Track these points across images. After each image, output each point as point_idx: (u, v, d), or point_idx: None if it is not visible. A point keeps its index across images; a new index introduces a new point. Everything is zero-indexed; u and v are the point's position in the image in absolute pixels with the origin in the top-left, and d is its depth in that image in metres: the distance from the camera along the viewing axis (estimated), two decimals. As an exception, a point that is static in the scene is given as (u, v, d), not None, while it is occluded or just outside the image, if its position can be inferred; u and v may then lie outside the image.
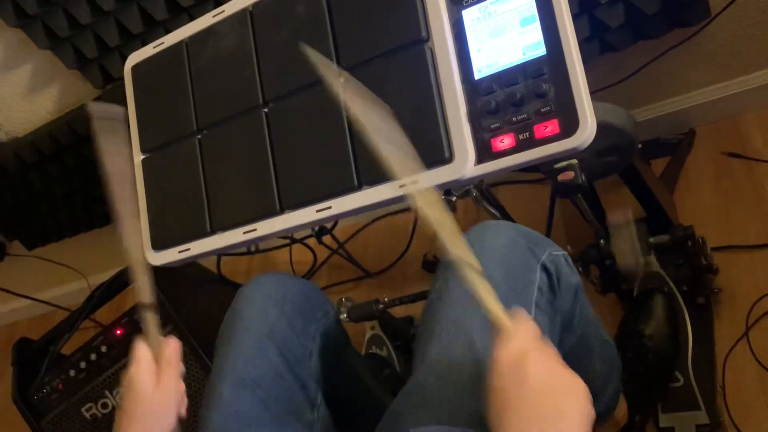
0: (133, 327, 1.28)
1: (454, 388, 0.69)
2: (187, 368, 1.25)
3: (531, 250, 0.77)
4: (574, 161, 0.93)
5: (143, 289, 0.76)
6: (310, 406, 0.87)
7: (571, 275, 0.81)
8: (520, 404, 0.52)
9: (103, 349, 1.28)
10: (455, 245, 0.59)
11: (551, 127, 0.70)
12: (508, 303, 0.71)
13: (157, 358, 0.74)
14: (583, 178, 0.92)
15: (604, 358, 0.96)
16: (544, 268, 0.77)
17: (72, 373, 1.29)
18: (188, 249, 0.91)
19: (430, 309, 0.79)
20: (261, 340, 0.84)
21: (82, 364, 1.29)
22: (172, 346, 0.75)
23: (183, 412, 0.76)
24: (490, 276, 0.72)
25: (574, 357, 0.86)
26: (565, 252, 0.81)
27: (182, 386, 0.76)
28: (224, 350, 0.85)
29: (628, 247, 1.12)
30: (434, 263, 1.52)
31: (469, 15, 0.76)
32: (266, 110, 0.86)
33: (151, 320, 0.76)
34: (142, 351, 0.74)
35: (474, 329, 0.71)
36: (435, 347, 0.73)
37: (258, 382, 0.81)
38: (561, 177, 0.93)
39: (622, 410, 1.08)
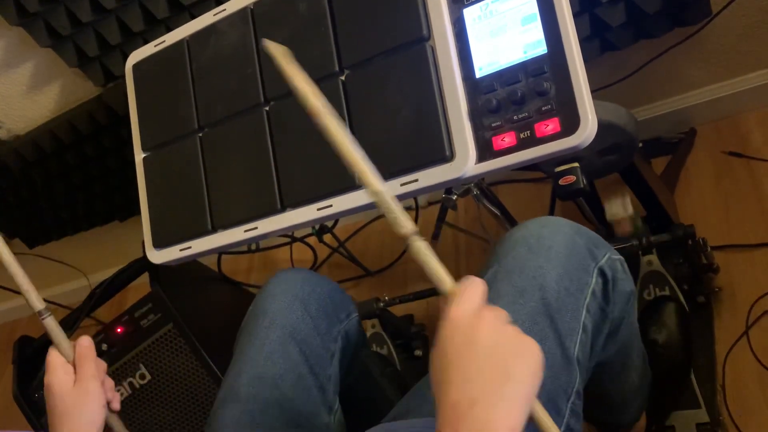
0: (134, 326, 1.28)
1: None
2: (187, 366, 1.25)
3: (590, 252, 0.75)
4: (576, 165, 0.93)
5: (32, 296, 0.79)
6: (327, 409, 0.85)
7: (626, 281, 0.78)
8: (466, 365, 0.50)
9: (104, 347, 1.28)
10: (402, 220, 0.55)
11: (552, 125, 0.70)
12: (557, 303, 0.70)
13: (71, 360, 0.78)
14: (585, 181, 0.92)
15: (640, 371, 0.95)
16: (602, 273, 0.75)
17: (73, 371, 1.29)
18: (189, 247, 0.91)
19: None
20: (284, 338, 0.83)
21: (83, 362, 1.29)
22: (83, 345, 0.78)
23: (115, 405, 0.79)
24: (544, 274, 0.71)
25: (613, 366, 0.86)
26: (622, 257, 0.79)
27: (109, 382, 0.79)
28: (245, 345, 0.84)
29: (618, 201, 1.12)
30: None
31: (470, 13, 0.76)
32: (267, 108, 0.86)
33: (52, 325, 0.79)
34: (53, 357, 0.78)
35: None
36: None
37: (276, 381, 0.81)
38: (562, 181, 0.93)
39: (642, 421, 1.07)
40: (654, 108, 1.42)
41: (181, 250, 0.92)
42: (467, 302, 0.53)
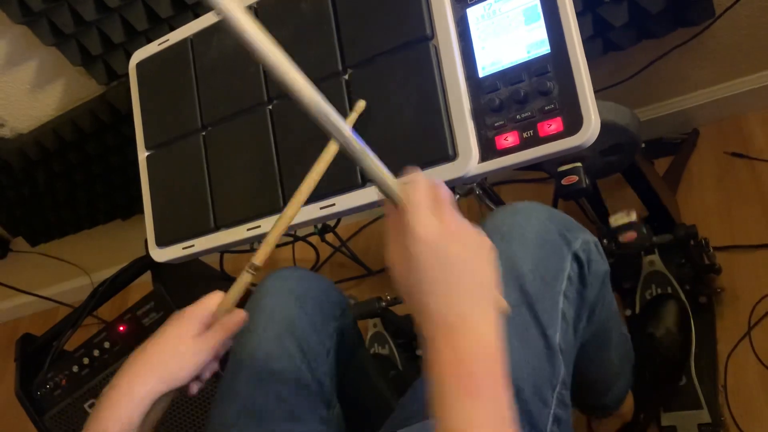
0: (137, 324, 1.28)
1: None
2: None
3: (564, 237, 0.75)
4: (578, 165, 0.93)
5: (264, 250, 0.73)
6: (326, 404, 0.85)
7: (601, 263, 0.79)
8: (446, 283, 0.52)
9: (106, 345, 1.28)
10: (342, 126, 0.51)
11: (555, 125, 0.70)
12: (535, 293, 0.71)
13: (217, 318, 0.70)
14: (587, 181, 0.92)
15: (621, 352, 0.95)
16: (576, 257, 0.75)
17: (75, 369, 1.30)
18: (192, 246, 0.91)
19: None
20: (281, 335, 0.83)
21: (85, 361, 1.29)
22: (237, 316, 0.70)
23: (193, 389, 0.70)
24: (519, 263, 0.72)
25: (591, 346, 0.86)
26: (596, 239, 0.79)
27: (215, 365, 0.70)
28: (244, 341, 0.83)
29: (623, 211, 1.12)
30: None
31: (473, 13, 0.76)
32: (271, 107, 0.86)
33: (242, 282, 0.71)
34: (211, 300, 0.70)
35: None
36: None
37: (276, 377, 0.80)
38: (565, 180, 0.93)
39: (628, 405, 1.08)
40: (657, 108, 1.42)
41: (183, 248, 0.92)
42: (424, 210, 0.52)
